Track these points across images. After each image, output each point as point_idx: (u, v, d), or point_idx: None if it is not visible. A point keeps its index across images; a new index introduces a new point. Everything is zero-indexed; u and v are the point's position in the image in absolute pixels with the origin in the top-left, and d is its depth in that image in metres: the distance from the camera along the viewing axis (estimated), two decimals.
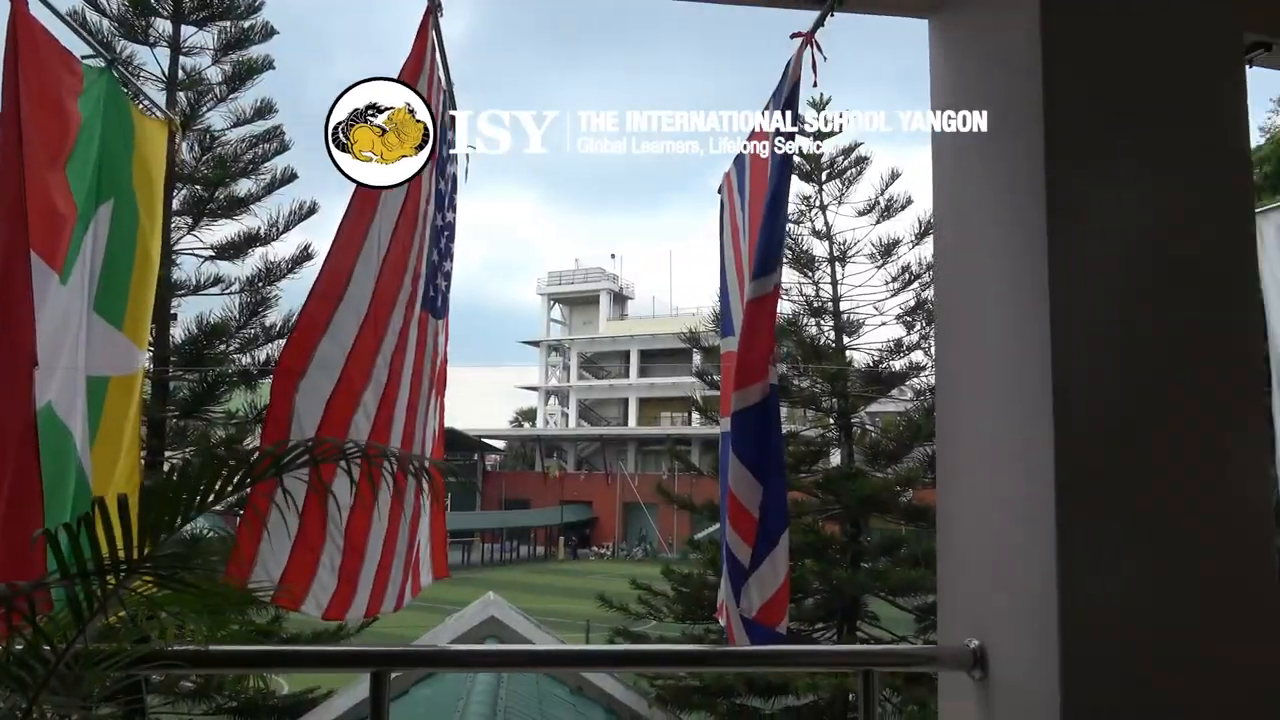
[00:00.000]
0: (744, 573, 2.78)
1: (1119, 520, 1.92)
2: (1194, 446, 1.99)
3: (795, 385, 12.70)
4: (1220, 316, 2.05)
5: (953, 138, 2.40)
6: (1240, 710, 1.94)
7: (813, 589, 11.49)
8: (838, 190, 12.94)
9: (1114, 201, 2.02)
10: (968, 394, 2.29)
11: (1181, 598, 1.94)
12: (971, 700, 2.17)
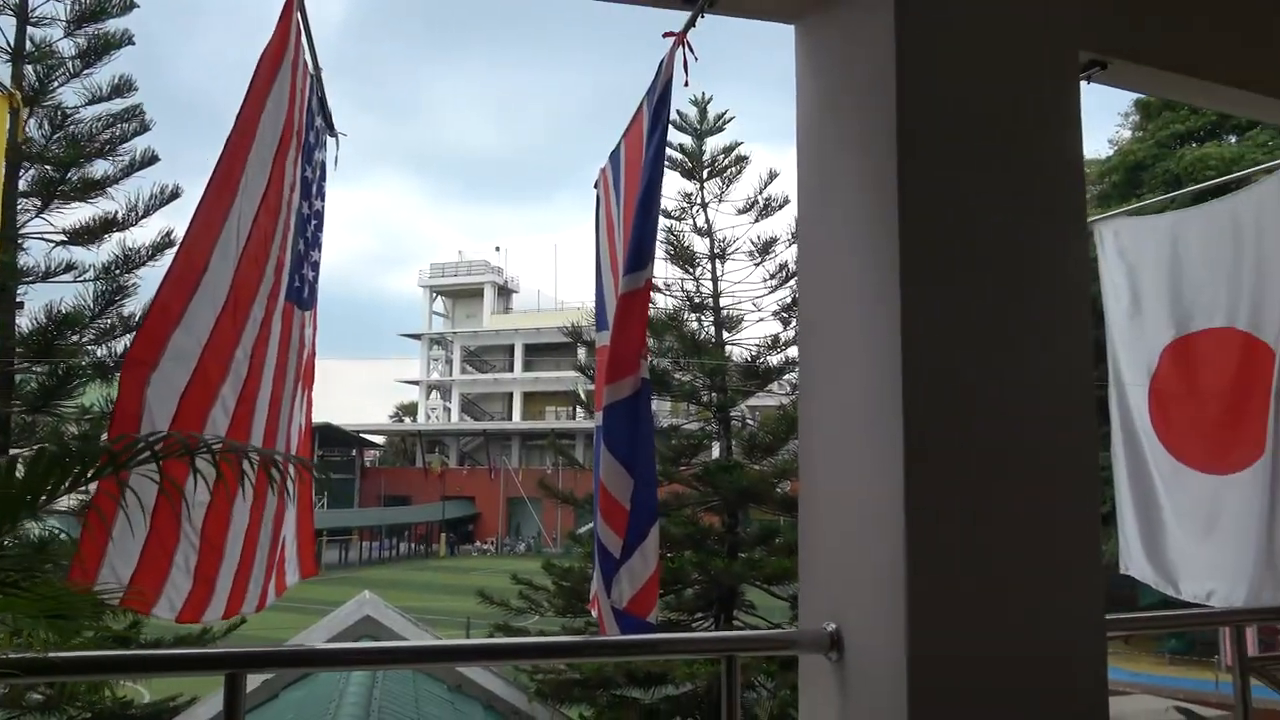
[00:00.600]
0: (615, 564, 2.82)
1: (963, 509, 2.04)
2: (1030, 440, 2.13)
3: (676, 380, 12.89)
4: (1056, 317, 2.20)
5: (815, 142, 2.48)
6: (1069, 690, 2.09)
7: (692, 579, 11.70)
8: (718, 188, 13.19)
9: (961, 206, 2.13)
10: (826, 387, 2.38)
11: (1017, 584, 2.07)
12: (829, 682, 2.25)
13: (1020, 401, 2.13)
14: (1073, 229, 2.25)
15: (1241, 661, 2.81)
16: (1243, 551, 3.73)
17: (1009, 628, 2.04)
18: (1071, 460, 2.16)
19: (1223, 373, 3.92)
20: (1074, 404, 2.18)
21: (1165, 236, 4.20)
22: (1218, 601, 3.81)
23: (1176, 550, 4.02)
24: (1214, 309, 3.95)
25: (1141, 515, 4.15)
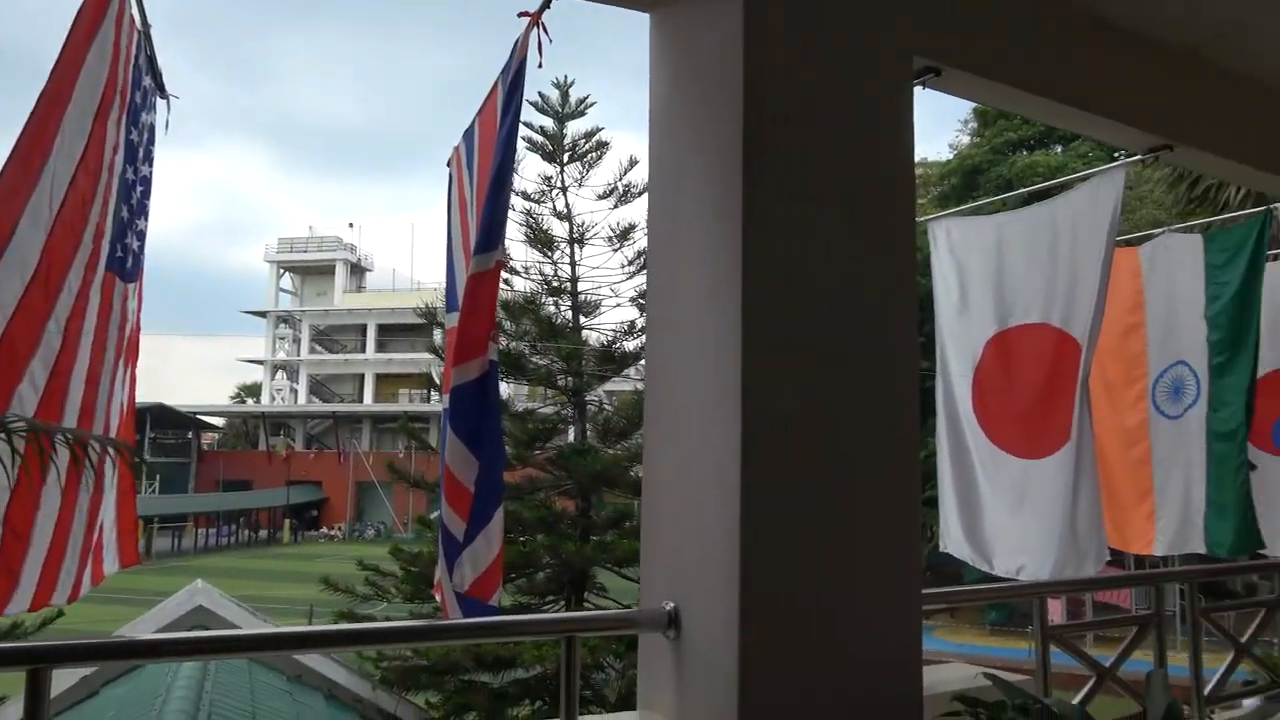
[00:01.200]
0: (458, 547, 2.79)
1: (794, 494, 2.13)
2: (859, 429, 2.24)
3: (533, 363, 12.83)
4: (886, 310, 2.32)
5: (666, 131, 2.52)
6: (889, 659, 2.22)
7: (544, 563, 11.71)
8: (579, 173, 13.17)
9: (801, 201, 2.21)
10: (671, 376, 2.42)
11: (843, 564, 2.18)
12: (666, 659, 2.31)
13: (851, 393, 2.23)
14: (903, 225, 2.37)
15: (1043, 630, 3.06)
16: (1049, 530, 4.05)
17: (835, 604, 2.15)
18: (896, 448, 2.29)
19: (1037, 365, 4.22)
20: (900, 395, 2.31)
21: (991, 236, 4.48)
22: (1026, 576, 4.11)
23: (991, 529, 4.32)
24: (1031, 306, 4.25)
25: (961, 497, 4.44)
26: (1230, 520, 4.53)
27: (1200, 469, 4.68)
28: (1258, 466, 4.99)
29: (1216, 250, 4.68)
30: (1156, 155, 3.81)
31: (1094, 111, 3.44)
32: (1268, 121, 4.23)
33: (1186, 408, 4.78)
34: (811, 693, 2.09)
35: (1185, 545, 4.80)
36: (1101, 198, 3.95)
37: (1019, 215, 4.44)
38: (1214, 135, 3.95)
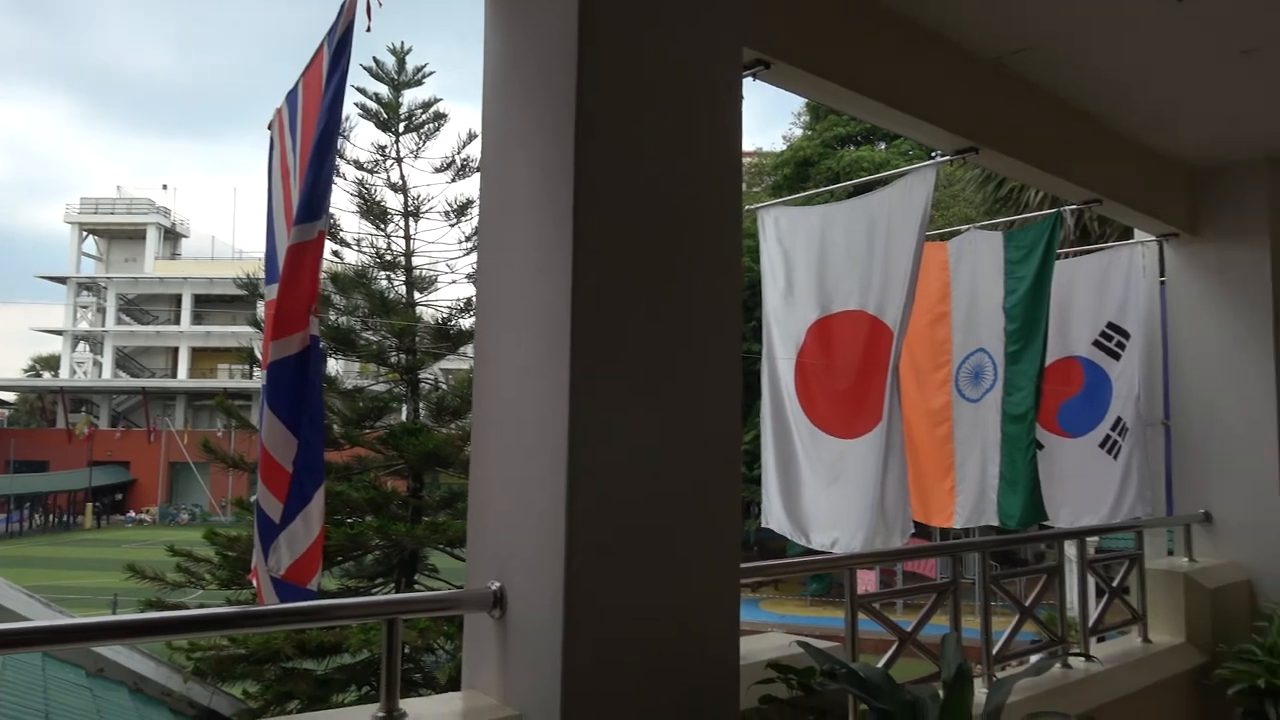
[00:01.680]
0: (275, 530, 2.67)
1: (620, 471, 2.16)
2: (685, 407, 2.29)
3: (364, 339, 12.40)
4: (712, 294, 2.38)
5: (499, 110, 2.48)
6: (707, 630, 2.30)
7: (373, 545, 11.40)
8: (415, 143, 12.79)
9: (631, 186, 2.24)
10: (500, 352, 2.40)
11: (666, 541, 2.23)
12: (491, 638, 2.31)
13: (678, 374, 2.28)
14: (730, 212, 2.44)
15: (852, 599, 3.26)
16: (861, 505, 4.30)
17: (656, 580, 2.20)
18: (719, 427, 2.36)
19: (853, 350, 4.46)
20: (725, 376, 2.38)
21: (815, 226, 4.68)
22: (840, 548, 4.36)
23: (809, 505, 4.55)
24: (849, 293, 4.48)
25: (783, 475, 4.64)
26: (1019, 495, 4.95)
27: (995, 448, 5.09)
28: (1045, 446, 5.48)
29: (1014, 247, 5.07)
30: (964, 156, 4.09)
31: (908, 112, 3.65)
32: (1060, 132, 4.62)
33: (985, 391, 5.18)
34: (634, 666, 2.14)
35: (981, 518, 5.22)
36: (914, 194, 4.21)
37: (840, 207, 4.66)
38: (1014, 141, 4.28)
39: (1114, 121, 4.88)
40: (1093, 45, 3.97)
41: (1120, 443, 5.50)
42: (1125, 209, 5.17)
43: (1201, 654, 4.87)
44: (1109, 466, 5.50)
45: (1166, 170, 5.47)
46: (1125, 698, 4.16)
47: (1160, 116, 4.83)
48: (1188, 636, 4.94)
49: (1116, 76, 4.29)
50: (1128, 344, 5.53)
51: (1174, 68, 4.20)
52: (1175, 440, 5.73)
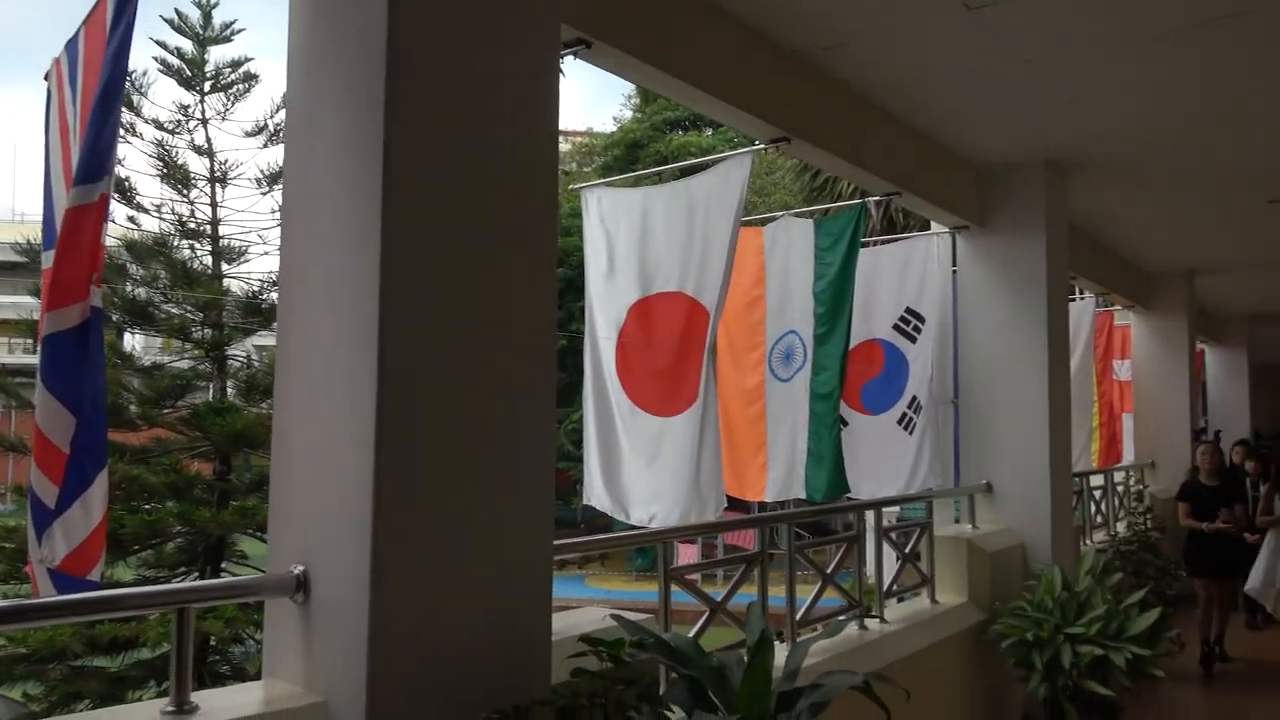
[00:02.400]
0: (50, 516, 2.46)
1: (429, 449, 2.13)
2: (497, 386, 2.28)
3: (164, 313, 11.54)
4: (527, 273, 2.37)
5: (306, 79, 2.37)
6: (519, 607, 2.31)
7: (173, 532, 10.68)
8: (222, 104, 11.97)
9: (444, 162, 2.19)
10: (304, 327, 2.31)
11: (476, 518, 2.22)
12: (295, 625, 2.22)
13: (491, 353, 2.27)
14: (546, 189, 2.43)
15: (665, 572, 3.35)
16: (678, 481, 4.43)
17: (467, 559, 2.19)
18: (533, 404, 2.36)
19: (672, 330, 4.57)
20: (538, 356, 2.38)
21: (637, 208, 4.75)
22: (657, 523, 4.47)
23: (629, 482, 4.64)
24: (669, 275, 4.58)
25: (604, 453, 4.71)
26: (825, 469, 5.24)
27: (804, 425, 5.35)
28: (849, 423, 5.82)
29: (823, 235, 5.34)
30: (776, 145, 4.26)
31: (723, 99, 3.76)
32: (864, 126, 4.89)
33: (795, 371, 5.43)
34: (443, 647, 2.12)
35: (790, 491, 5.49)
36: (731, 180, 4.34)
37: (661, 190, 4.74)
38: (822, 132, 4.49)
39: (911, 120, 5.21)
40: (891, 46, 4.21)
41: (915, 420, 5.91)
42: (922, 202, 5.54)
43: (981, 612, 5.34)
44: (905, 442, 5.90)
45: (958, 167, 5.90)
46: (914, 654, 4.50)
47: (952, 118, 5.20)
48: (969, 596, 5.40)
49: (913, 77, 4.58)
50: (923, 328, 5.94)
51: (964, 72, 4.53)
52: (962, 417, 6.22)
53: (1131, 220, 7.79)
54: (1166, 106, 5.02)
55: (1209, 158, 6.01)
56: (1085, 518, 7.96)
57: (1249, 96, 4.87)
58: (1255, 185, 6.66)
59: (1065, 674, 4.85)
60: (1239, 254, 9.36)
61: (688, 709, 2.59)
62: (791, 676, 2.79)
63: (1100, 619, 4.94)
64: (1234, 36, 4.08)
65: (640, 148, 32.31)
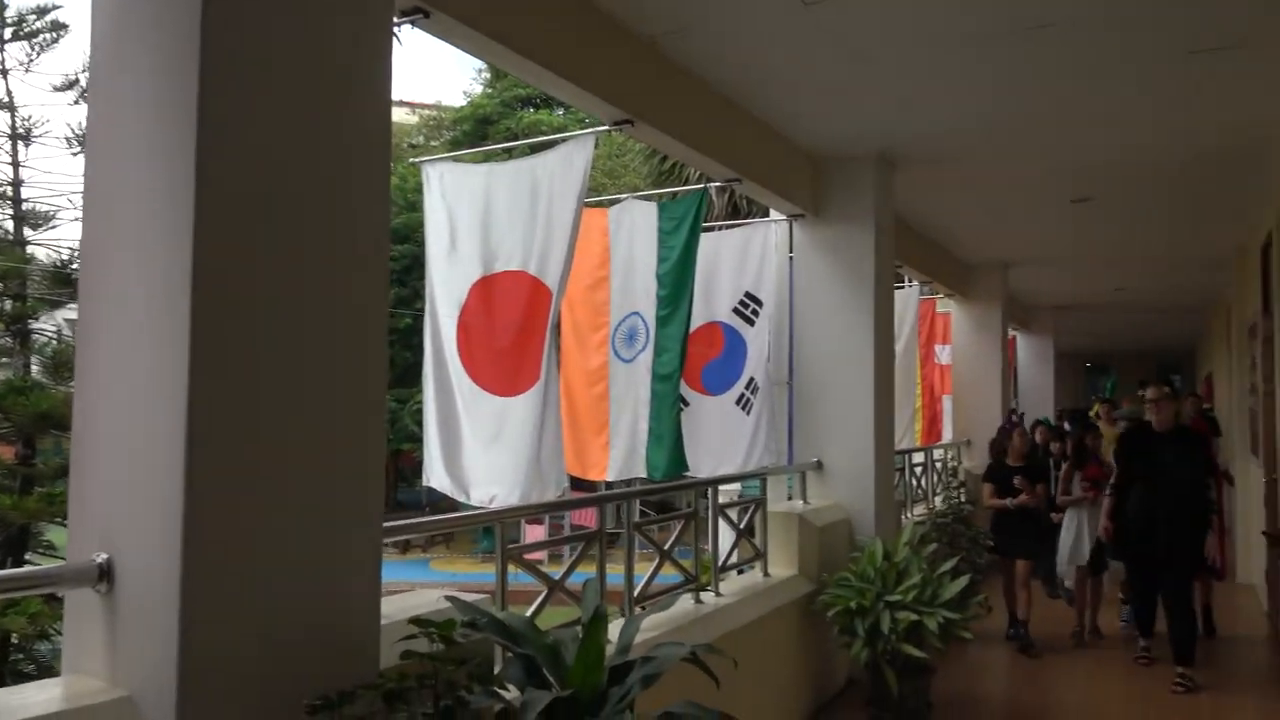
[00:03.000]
0: None
1: (247, 428, 2.03)
2: (322, 363, 2.20)
3: None
4: (355, 253, 2.30)
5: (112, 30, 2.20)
6: (346, 591, 2.25)
7: None
8: (27, 55, 10.93)
9: (264, 127, 2.09)
10: (110, 289, 2.16)
11: (297, 500, 2.14)
12: (98, 616, 2.09)
13: (315, 332, 2.18)
14: (377, 165, 2.36)
15: (502, 551, 3.35)
16: (518, 461, 4.42)
17: (288, 543, 2.11)
18: (360, 382, 2.29)
19: (515, 310, 4.54)
20: (367, 334, 2.32)
21: (480, 185, 4.68)
22: (498, 504, 4.45)
23: (469, 463, 4.59)
24: (512, 253, 4.55)
25: (444, 433, 4.63)
26: (665, 448, 5.35)
27: (645, 405, 5.45)
28: (689, 403, 5.96)
29: (666, 218, 5.42)
30: (620, 128, 4.29)
31: (566, 78, 3.75)
32: (707, 113, 4.99)
33: (638, 352, 5.52)
34: (262, 634, 2.04)
35: (632, 470, 5.58)
36: (574, 161, 4.34)
37: (505, 168, 4.69)
38: (667, 117, 4.56)
39: (751, 109, 5.36)
40: (731, 36, 4.32)
41: (753, 400, 6.12)
42: (761, 189, 5.72)
43: (810, 583, 5.61)
44: (743, 422, 6.10)
45: (795, 157, 6.12)
46: (747, 625, 4.68)
47: (789, 109, 5.38)
48: (800, 569, 5.65)
49: (751, 68, 4.71)
50: (761, 312, 6.14)
51: (799, 66, 4.69)
52: (796, 398, 6.49)
53: (953, 214, 8.31)
54: (981, 108, 5.37)
55: (1019, 158, 6.48)
56: (907, 493, 8.48)
57: (1052, 104, 5.27)
58: (1060, 186, 7.24)
59: (885, 639, 5.16)
60: (1046, 249, 10.15)
61: (522, 686, 2.60)
62: (624, 650, 2.85)
63: (916, 586, 5.28)
64: (1039, 47, 4.41)
65: (490, 123, 31.80)
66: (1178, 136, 5.86)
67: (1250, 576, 8.83)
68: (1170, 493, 6.15)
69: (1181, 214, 8.19)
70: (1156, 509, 6.17)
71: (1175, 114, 5.41)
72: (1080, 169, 6.75)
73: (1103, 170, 6.76)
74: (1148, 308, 14.87)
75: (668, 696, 2.77)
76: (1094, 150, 6.23)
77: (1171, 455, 6.20)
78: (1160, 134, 5.84)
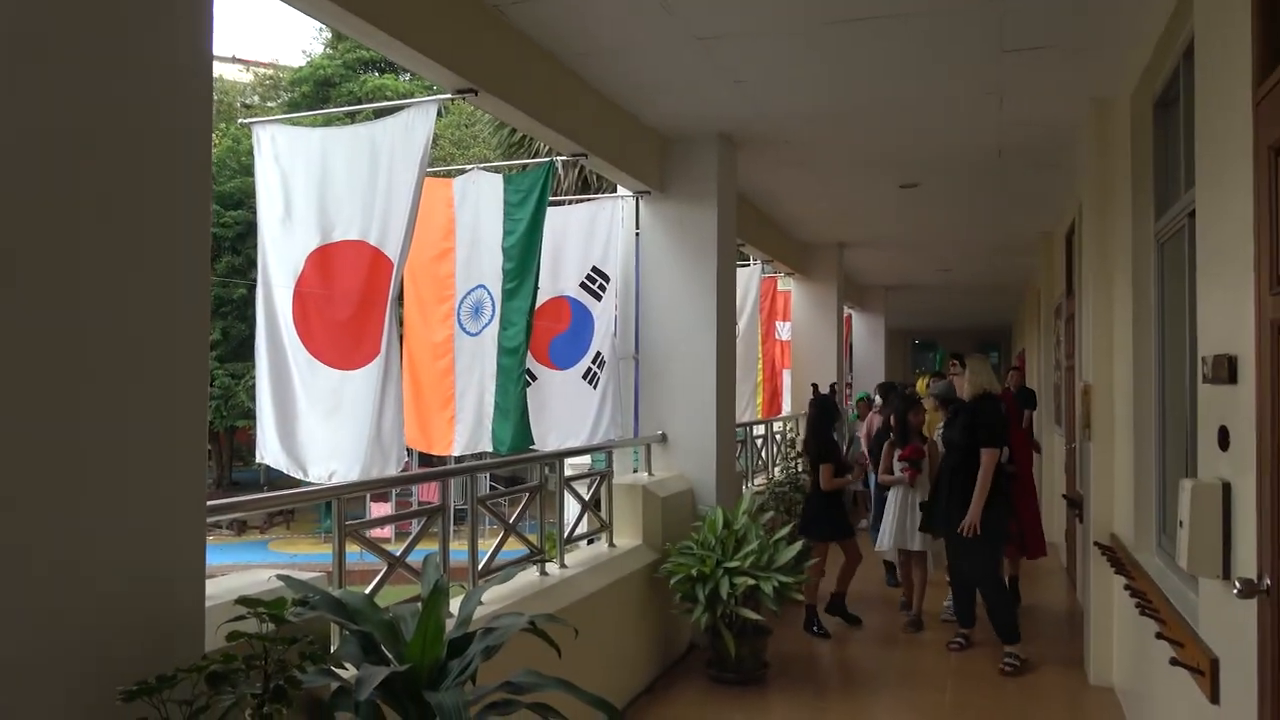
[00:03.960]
0: None
1: (50, 411, 1.90)
2: (127, 348, 2.08)
3: None
4: (168, 221, 2.17)
5: None
6: (168, 575, 2.15)
7: None
8: None
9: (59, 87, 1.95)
10: None
11: (107, 480, 2.02)
12: None
13: (120, 307, 2.05)
14: (197, 128, 2.24)
15: (339, 528, 3.27)
16: (358, 436, 4.31)
17: (99, 524, 1.99)
18: (169, 356, 2.17)
19: (354, 280, 4.41)
20: (178, 300, 2.20)
21: (317, 149, 4.50)
22: (337, 479, 4.33)
23: (307, 438, 4.44)
24: (351, 222, 4.41)
25: (279, 408, 4.46)
26: (511, 422, 5.34)
27: (492, 379, 5.41)
28: (536, 378, 5.97)
29: (513, 190, 5.38)
30: (464, 96, 4.22)
31: (411, 45, 3.65)
32: (554, 86, 4.97)
33: (484, 326, 5.47)
34: (70, 622, 1.92)
35: (478, 445, 5.54)
36: (415, 128, 4.24)
37: (342, 133, 4.53)
38: (514, 89, 4.51)
39: (599, 84, 5.38)
40: (580, 10, 4.31)
41: (599, 374, 6.19)
42: (607, 165, 5.75)
43: (654, 552, 5.75)
44: (590, 396, 6.16)
45: (642, 135, 6.18)
46: (592, 595, 4.76)
47: (635, 86, 5.43)
48: (644, 539, 5.78)
49: (598, 42, 4.72)
50: (608, 287, 6.21)
51: (644, 44, 4.74)
52: (642, 372, 6.60)
53: (793, 195, 8.62)
54: (814, 94, 5.58)
55: (852, 144, 6.78)
56: (749, 463, 8.80)
57: (879, 93, 5.54)
58: (890, 171, 7.63)
59: (724, 604, 5.37)
60: (879, 231, 10.68)
61: (359, 664, 2.56)
62: (465, 623, 2.85)
63: (754, 553, 5.51)
64: (865, 38, 4.62)
65: (332, 86, 30.49)
66: (992, 130, 6.28)
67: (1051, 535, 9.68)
68: (947, 468, 6.16)
69: (998, 202, 8.79)
70: (939, 487, 6.25)
71: (990, 108, 5.80)
72: (908, 156, 7.13)
73: (928, 158, 7.17)
74: (969, 288, 15.92)
75: (512, 668, 2.80)
76: (919, 139, 6.59)
77: (954, 429, 6.15)
78: (977, 126, 6.24)
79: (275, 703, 2.15)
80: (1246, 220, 2.54)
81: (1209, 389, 2.98)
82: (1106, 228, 5.39)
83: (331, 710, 2.48)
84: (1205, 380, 2.98)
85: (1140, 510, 4.73)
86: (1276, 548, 2.34)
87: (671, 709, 5.17)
